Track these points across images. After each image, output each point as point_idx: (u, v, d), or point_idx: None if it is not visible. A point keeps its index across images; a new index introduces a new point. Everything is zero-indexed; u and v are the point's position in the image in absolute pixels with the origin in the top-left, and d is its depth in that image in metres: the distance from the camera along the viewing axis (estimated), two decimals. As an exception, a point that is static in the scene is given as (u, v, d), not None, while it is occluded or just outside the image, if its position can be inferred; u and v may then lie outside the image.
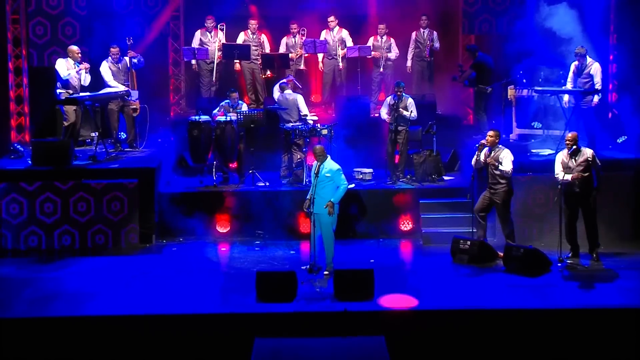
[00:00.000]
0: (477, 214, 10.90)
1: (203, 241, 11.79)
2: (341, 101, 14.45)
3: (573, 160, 10.44)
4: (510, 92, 13.64)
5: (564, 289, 9.73)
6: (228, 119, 12.50)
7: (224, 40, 14.45)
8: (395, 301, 9.27)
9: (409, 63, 14.77)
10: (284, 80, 13.05)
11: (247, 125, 12.51)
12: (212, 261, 11.08)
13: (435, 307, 9.19)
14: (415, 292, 9.59)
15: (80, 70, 12.48)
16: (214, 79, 14.50)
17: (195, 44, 14.46)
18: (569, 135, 10.55)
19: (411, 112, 12.46)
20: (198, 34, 14.53)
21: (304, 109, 12.82)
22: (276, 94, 13.16)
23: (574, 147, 10.44)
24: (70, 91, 12.39)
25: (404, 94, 12.53)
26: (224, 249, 11.67)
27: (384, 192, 12.20)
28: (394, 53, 14.78)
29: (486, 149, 10.85)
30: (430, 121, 12.71)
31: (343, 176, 10.15)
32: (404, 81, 12.78)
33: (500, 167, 10.68)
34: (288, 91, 12.90)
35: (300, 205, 10.68)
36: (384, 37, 14.68)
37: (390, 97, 12.75)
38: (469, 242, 10.73)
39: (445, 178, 12.82)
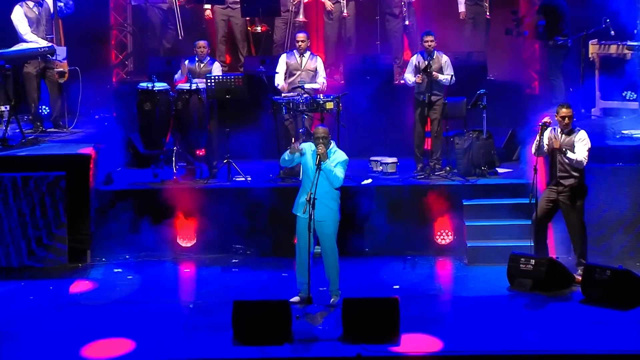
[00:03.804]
0: (536, 224, 10.91)
1: (159, 260, 11.82)
2: (353, 62, 14.45)
3: None
4: (593, 49, 13.62)
5: (667, 327, 9.76)
6: (194, 86, 12.50)
7: None
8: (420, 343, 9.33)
9: (461, 8, 14.76)
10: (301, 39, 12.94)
11: (221, 95, 12.52)
12: (171, 287, 11.10)
13: (486, 351, 9.18)
14: (457, 330, 9.59)
15: None
16: (180, 31, 14.48)
17: None
18: None
19: (452, 76, 12.46)
20: None
21: (322, 74, 12.90)
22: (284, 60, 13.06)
23: None
24: None
25: (435, 49, 12.52)
26: (187, 270, 11.69)
27: (413, 190, 12.21)
28: None
29: (550, 129, 10.84)
30: (479, 90, 12.72)
31: (344, 170, 10.09)
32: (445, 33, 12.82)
33: (570, 155, 10.67)
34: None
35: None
36: None
37: (416, 54, 12.74)
38: (533, 261, 10.73)
39: (500, 170, 12.84)
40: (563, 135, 10.81)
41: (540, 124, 10.86)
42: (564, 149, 10.69)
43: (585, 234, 10.93)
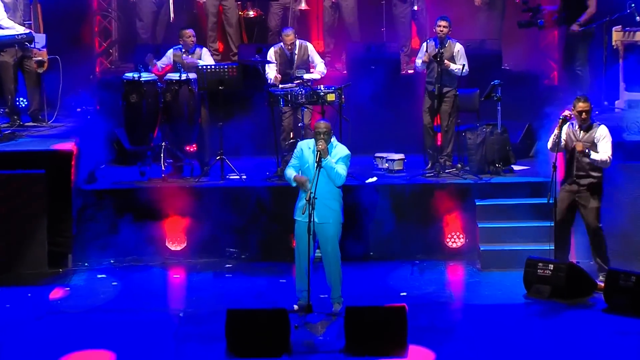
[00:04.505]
0: (559, 227, 10.90)
1: (146, 264, 11.83)
2: (356, 51, 14.43)
3: None
4: (616, 36, 13.60)
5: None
6: (184, 77, 12.49)
7: None
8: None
9: None
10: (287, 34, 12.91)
11: (214, 87, 12.50)
12: (159, 294, 11.10)
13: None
14: (470, 341, 9.58)
15: None
16: (171, 14, 14.46)
17: None
18: None
19: (463, 66, 12.45)
20: None
21: (318, 60, 12.85)
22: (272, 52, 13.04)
23: None
24: None
25: (448, 37, 12.51)
26: (177, 275, 11.69)
27: (421, 189, 12.22)
28: None
29: (568, 124, 10.82)
30: (494, 81, 12.71)
31: (346, 166, 10.06)
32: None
33: (595, 156, 10.66)
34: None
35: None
36: None
37: (428, 40, 12.73)
38: (551, 266, 10.72)
39: (516, 168, 12.83)
40: (581, 131, 10.78)
41: (560, 117, 10.84)
42: (586, 151, 10.66)
43: (603, 236, 10.91)
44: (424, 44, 12.75)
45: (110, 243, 11.79)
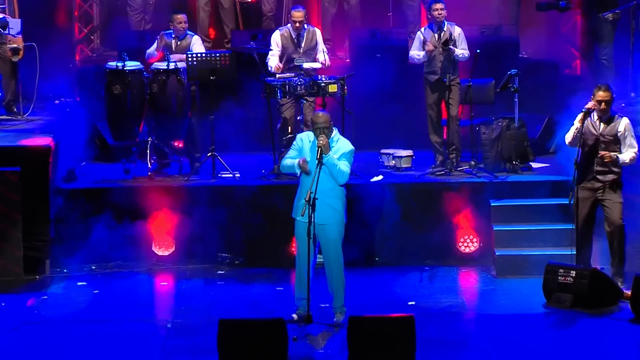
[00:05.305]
0: (581, 229, 10.90)
1: (130, 271, 11.85)
2: (360, 37, 14.44)
3: None
4: (644, 20, 13.65)
5: None
6: (172, 66, 12.49)
7: None
8: None
9: None
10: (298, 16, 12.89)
11: (204, 77, 12.51)
12: (145, 303, 11.10)
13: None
14: (484, 354, 9.58)
15: None
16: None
17: None
18: None
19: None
20: None
21: (322, 49, 12.84)
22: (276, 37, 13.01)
23: None
24: None
25: (445, 20, 12.50)
26: (165, 283, 11.71)
27: (431, 188, 12.26)
28: None
29: (589, 117, 10.83)
30: (510, 70, 12.72)
31: (349, 163, 10.05)
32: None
33: (623, 158, 10.66)
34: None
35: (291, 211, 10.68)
36: None
37: (424, 28, 12.74)
38: (573, 273, 10.72)
39: (534, 165, 12.85)
40: (602, 123, 10.79)
41: (583, 109, 10.84)
42: (615, 157, 10.67)
43: (625, 235, 10.92)
44: (419, 33, 12.73)
45: (91, 247, 11.82)
